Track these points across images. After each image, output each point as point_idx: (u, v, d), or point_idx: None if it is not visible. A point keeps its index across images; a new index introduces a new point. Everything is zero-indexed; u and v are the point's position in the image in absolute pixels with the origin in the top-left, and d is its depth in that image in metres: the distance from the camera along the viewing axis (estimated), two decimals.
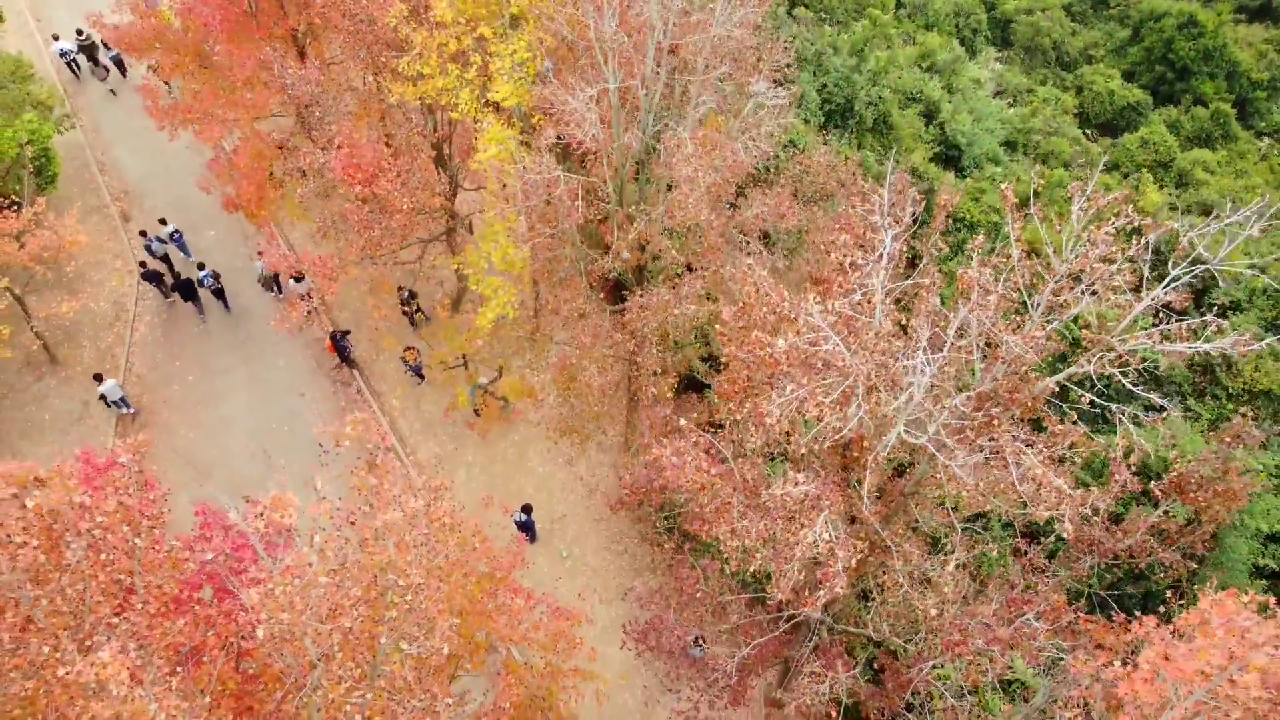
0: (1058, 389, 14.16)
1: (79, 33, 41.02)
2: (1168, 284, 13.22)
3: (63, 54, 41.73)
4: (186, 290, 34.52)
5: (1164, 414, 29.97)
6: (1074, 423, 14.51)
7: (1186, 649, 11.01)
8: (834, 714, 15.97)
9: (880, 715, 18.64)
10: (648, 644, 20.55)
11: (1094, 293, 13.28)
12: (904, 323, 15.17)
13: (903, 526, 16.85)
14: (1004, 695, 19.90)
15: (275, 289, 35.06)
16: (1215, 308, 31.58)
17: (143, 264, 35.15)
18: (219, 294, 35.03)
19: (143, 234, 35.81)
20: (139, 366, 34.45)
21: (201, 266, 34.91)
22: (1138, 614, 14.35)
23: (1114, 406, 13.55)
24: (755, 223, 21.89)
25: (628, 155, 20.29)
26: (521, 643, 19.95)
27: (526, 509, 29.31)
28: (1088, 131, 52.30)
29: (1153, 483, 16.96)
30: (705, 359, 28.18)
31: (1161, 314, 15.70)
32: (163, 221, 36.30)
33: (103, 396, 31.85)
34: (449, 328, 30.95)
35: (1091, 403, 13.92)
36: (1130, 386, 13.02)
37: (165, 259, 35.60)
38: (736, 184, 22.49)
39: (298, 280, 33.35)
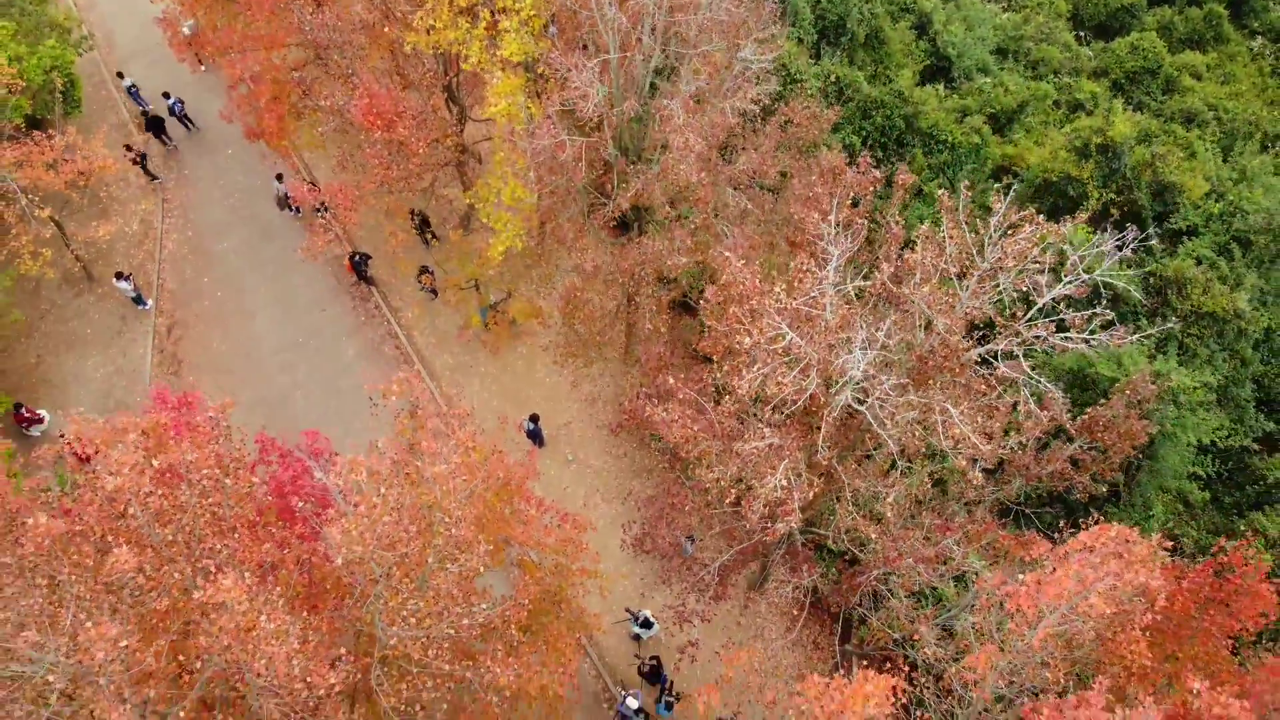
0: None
1: None
2: (1061, 287, 15.92)
3: None
4: (157, 126, 38.62)
5: (1118, 332, 33.05)
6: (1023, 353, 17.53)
7: (1060, 573, 14.44)
8: (797, 612, 19.69)
9: (839, 608, 22.44)
10: (644, 548, 24.25)
11: (1019, 290, 16.00)
12: (859, 291, 18.09)
13: (860, 456, 20.17)
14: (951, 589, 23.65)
15: (291, 210, 37.56)
16: (1174, 232, 34.22)
17: (144, 112, 38.98)
18: (185, 119, 39.72)
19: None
20: (170, 283, 37.32)
21: (167, 95, 39.27)
22: (1038, 532, 17.76)
23: (1021, 379, 16.52)
24: (742, 176, 24.43)
25: (627, 119, 22.71)
26: (535, 547, 23.52)
27: (534, 418, 32.74)
28: (1081, 34, 53.45)
29: (1070, 423, 20.13)
30: (698, 283, 30.97)
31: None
32: (120, 75, 39.53)
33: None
34: (460, 250, 33.69)
35: (1011, 360, 16.91)
36: (1029, 373, 16.01)
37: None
38: (726, 135, 24.82)
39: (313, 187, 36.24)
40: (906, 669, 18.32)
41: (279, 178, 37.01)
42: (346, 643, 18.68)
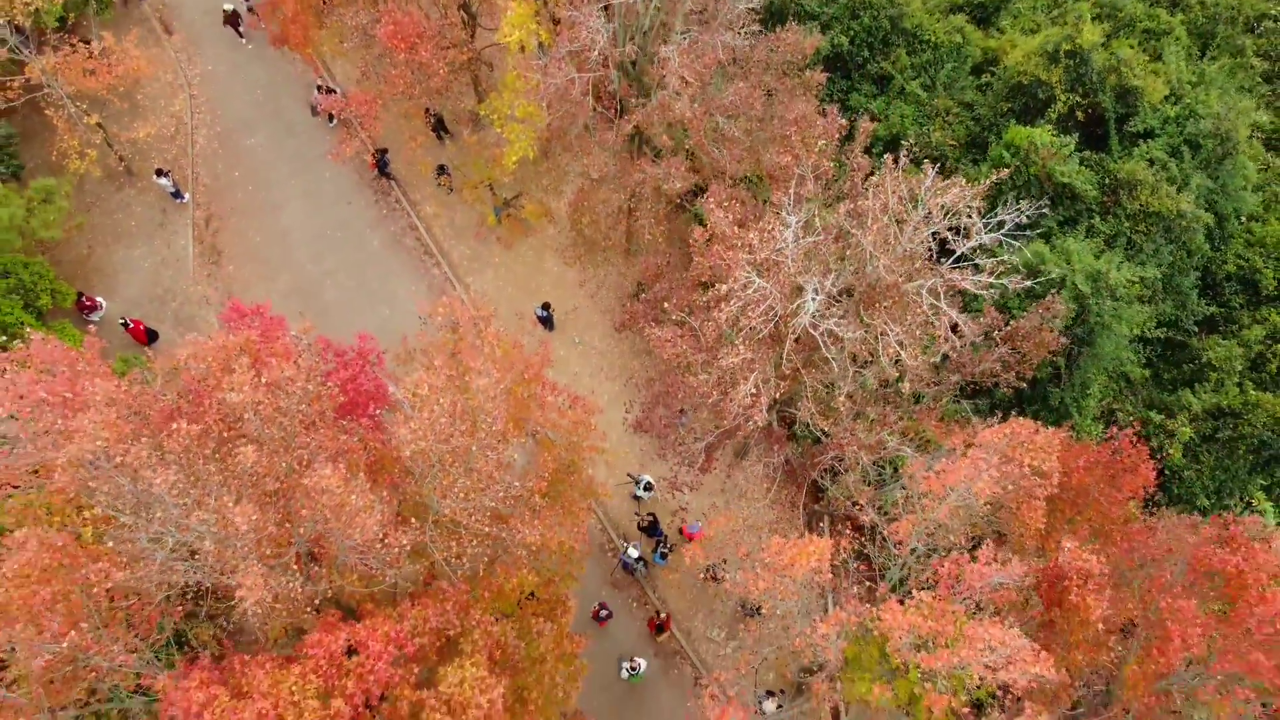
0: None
1: None
2: (973, 242, 20.01)
3: None
4: None
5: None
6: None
7: (959, 463, 19.26)
8: (767, 485, 24.67)
9: (803, 478, 27.53)
10: (643, 429, 29.17)
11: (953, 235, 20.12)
12: (824, 219, 22.24)
13: (821, 358, 24.74)
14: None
15: (329, 120, 40.89)
16: (1133, 134, 37.71)
17: None
18: None
19: None
20: (204, 177, 41.05)
21: None
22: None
23: (942, 306, 20.73)
24: (731, 107, 27.97)
25: (628, 59, 26.22)
26: (551, 428, 28.41)
27: (545, 306, 37.26)
28: None
29: (998, 332, 24.60)
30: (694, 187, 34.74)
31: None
32: None
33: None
34: (475, 151, 37.34)
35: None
36: (943, 306, 20.35)
37: None
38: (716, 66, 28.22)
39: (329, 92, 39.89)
40: (851, 530, 23.48)
41: (319, 88, 40.11)
42: (394, 510, 23.76)
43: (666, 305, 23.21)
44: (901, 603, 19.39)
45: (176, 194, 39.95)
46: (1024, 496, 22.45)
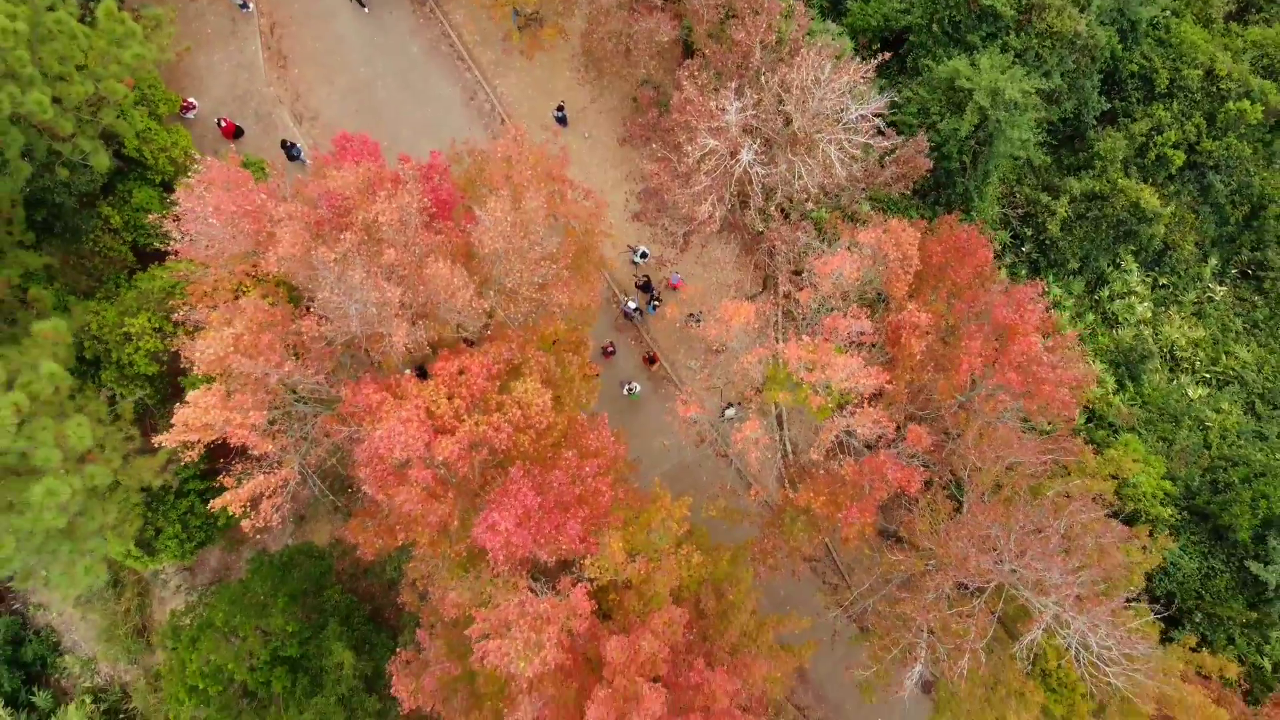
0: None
1: None
2: (856, 114, 32.16)
3: None
4: None
5: (992, 44, 48.31)
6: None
7: (836, 257, 32.64)
8: (735, 256, 38.21)
9: (755, 256, 41.16)
10: (640, 219, 42.32)
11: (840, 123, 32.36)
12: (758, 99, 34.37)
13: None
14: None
15: None
16: None
17: None
18: None
19: None
20: None
21: None
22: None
23: (832, 152, 33.20)
24: None
25: None
26: (573, 219, 41.49)
27: (560, 106, 49.29)
28: None
29: (893, 156, 37.21)
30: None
31: None
32: None
33: None
34: None
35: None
36: (835, 156, 32.83)
37: None
38: None
39: None
40: (783, 296, 37.25)
41: None
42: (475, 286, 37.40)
43: (654, 145, 35.61)
44: (796, 342, 33.43)
45: (243, 4, 50.64)
46: (894, 274, 36.01)
